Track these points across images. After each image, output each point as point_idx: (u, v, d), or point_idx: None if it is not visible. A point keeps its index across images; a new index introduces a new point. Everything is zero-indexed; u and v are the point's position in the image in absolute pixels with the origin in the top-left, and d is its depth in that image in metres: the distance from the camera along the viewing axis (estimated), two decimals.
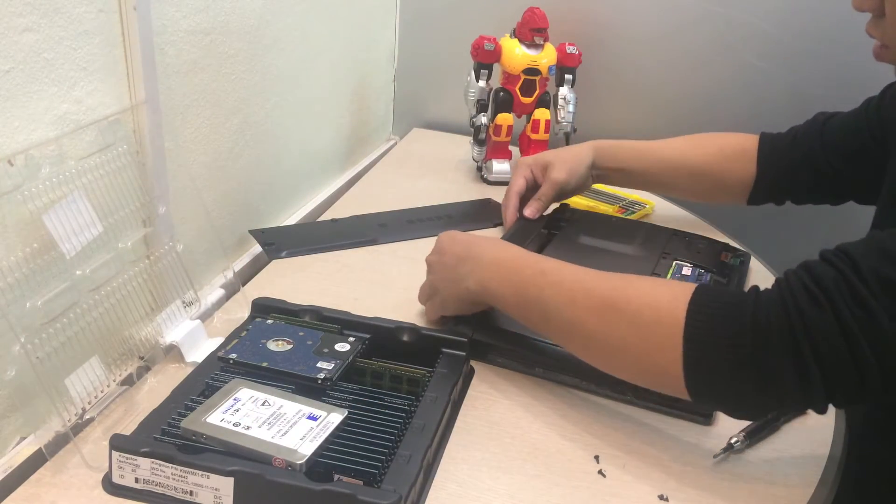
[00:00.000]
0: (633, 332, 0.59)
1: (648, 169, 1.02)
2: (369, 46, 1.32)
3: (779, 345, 0.53)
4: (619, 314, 0.60)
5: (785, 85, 1.25)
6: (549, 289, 0.65)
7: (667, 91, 1.32)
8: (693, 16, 1.26)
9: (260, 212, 1.02)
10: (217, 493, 0.55)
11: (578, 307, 0.63)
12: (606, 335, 0.61)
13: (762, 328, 0.54)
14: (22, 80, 0.59)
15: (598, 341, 0.62)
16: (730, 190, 1.00)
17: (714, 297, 0.57)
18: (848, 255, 0.53)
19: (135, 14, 0.67)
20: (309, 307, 0.75)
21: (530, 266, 0.69)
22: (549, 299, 0.65)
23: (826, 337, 0.52)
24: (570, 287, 0.64)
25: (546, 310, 0.65)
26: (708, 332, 0.56)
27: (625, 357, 0.61)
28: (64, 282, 0.61)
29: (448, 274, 0.75)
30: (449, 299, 0.75)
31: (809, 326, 0.52)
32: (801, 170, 0.94)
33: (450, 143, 1.39)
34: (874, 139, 0.87)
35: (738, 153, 0.98)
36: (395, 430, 0.61)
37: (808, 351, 0.52)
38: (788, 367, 0.53)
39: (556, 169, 0.99)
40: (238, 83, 0.90)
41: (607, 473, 0.63)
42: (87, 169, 0.64)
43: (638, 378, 0.63)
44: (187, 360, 0.73)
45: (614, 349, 0.61)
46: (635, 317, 0.59)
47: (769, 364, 0.54)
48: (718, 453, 0.65)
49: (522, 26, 1.17)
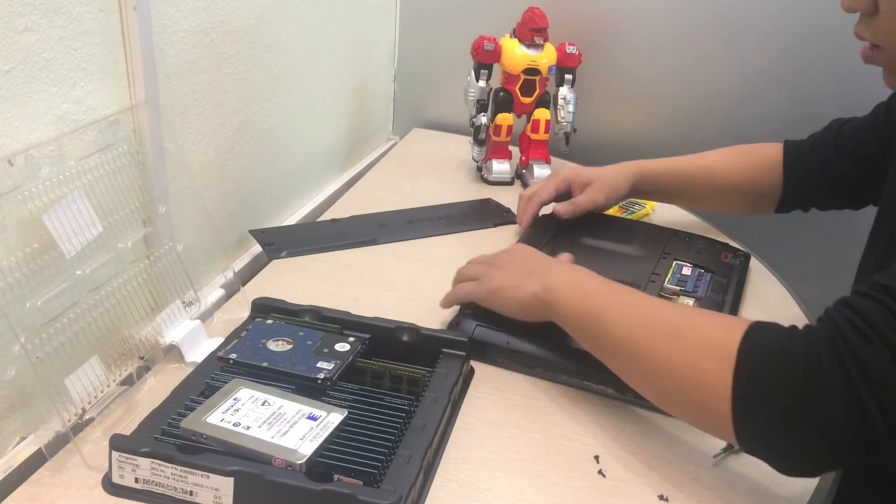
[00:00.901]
0: (685, 363, 0.58)
1: (684, 188, 1.03)
2: (369, 46, 1.32)
3: (832, 383, 0.51)
4: (673, 343, 0.59)
5: (786, 85, 1.25)
6: (613, 307, 0.65)
7: (667, 91, 1.32)
8: (694, 16, 1.26)
9: (260, 212, 1.02)
10: (217, 493, 0.55)
11: (635, 329, 0.62)
12: (658, 362, 0.60)
13: (814, 367, 0.52)
14: (22, 80, 0.59)
15: (649, 368, 0.61)
16: (760, 201, 1.01)
17: (767, 335, 0.56)
18: (887, 289, 0.52)
19: (135, 14, 0.67)
20: (309, 307, 0.75)
21: (599, 282, 0.69)
22: (610, 317, 0.65)
23: (880, 370, 0.50)
24: (633, 309, 0.64)
25: (604, 328, 0.65)
26: (759, 369, 0.54)
27: (672, 387, 0.60)
28: (64, 282, 0.61)
29: (516, 272, 0.75)
30: (503, 295, 0.75)
31: (863, 363, 0.50)
32: (819, 177, 0.95)
33: (450, 143, 1.39)
34: (883, 144, 0.87)
35: (766, 165, 0.99)
36: (395, 430, 0.61)
37: (863, 387, 0.50)
38: (842, 405, 0.51)
39: (596, 190, 0.99)
40: (238, 83, 0.90)
41: (607, 473, 0.63)
42: (87, 169, 0.64)
43: (684, 410, 0.61)
44: (187, 360, 0.73)
45: (664, 378, 0.60)
46: (689, 347, 0.58)
47: (822, 404, 0.51)
48: (718, 454, 0.65)
49: (522, 26, 1.17)
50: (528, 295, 0.72)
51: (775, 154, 0.99)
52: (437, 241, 1.01)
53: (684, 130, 1.24)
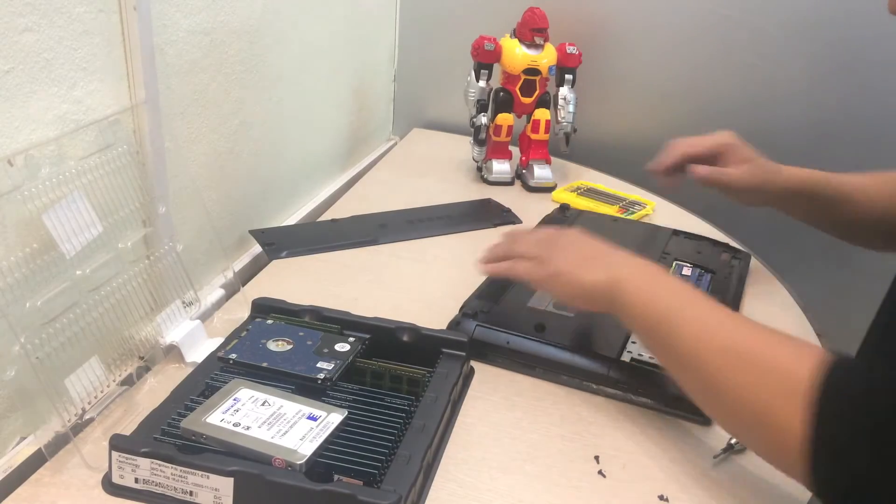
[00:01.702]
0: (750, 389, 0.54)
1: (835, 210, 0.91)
2: (369, 46, 1.32)
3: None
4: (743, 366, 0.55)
5: (786, 85, 1.25)
6: (682, 315, 0.61)
7: (667, 91, 1.32)
8: (694, 16, 1.26)
9: (260, 212, 1.02)
10: (217, 494, 0.55)
11: (703, 340, 0.58)
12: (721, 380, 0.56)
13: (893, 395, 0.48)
14: (22, 80, 0.59)
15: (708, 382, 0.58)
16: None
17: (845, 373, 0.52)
18: None
19: (135, 14, 0.67)
20: (309, 307, 0.75)
21: (670, 283, 0.65)
22: (677, 326, 0.61)
23: None
24: (702, 322, 0.60)
25: (670, 337, 0.61)
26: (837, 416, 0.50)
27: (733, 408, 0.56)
28: (64, 282, 0.61)
29: (578, 256, 0.71)
30: (565, 279, 0.70)
31: None
32: None
33: (450, 143, 1.39)
34: None
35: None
36: (395, 431, 0.61)
37: None
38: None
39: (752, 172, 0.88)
40: (238, 83, 0.90)
41: (607, 473, 0.63)
42: (87, 169, 0.64)
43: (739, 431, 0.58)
44: (187, 360, 0.73)
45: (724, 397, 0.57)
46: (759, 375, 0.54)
47: None
48: (718, 454, 0.65)
49: (522, 26, 1.17)
50: (592, 283, 0.67)
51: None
52: (438, 242, 1.01)
53: (685, 131, 1.22)
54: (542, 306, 0.81)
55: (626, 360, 0.73)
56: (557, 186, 1.21)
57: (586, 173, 1.29)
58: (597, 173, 1.29)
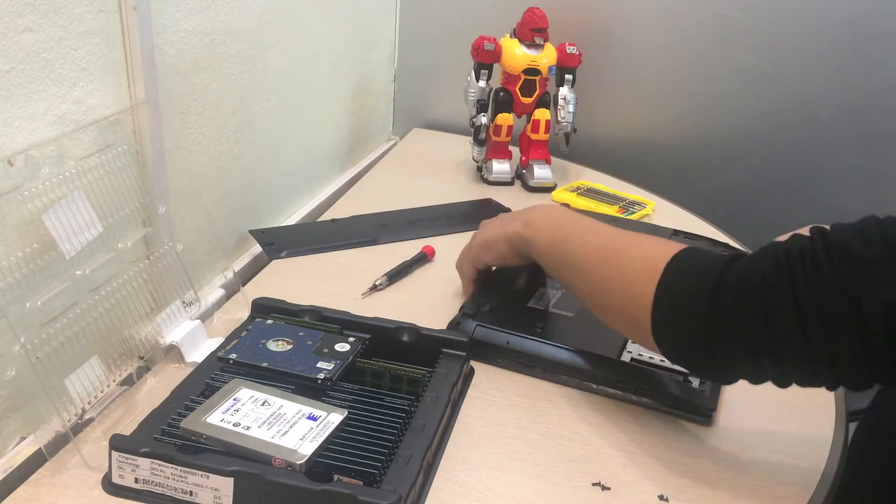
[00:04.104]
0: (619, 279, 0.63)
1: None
2: (369, 46, 1.32)
3: (732, 302, 0.55)
4: (618, 261, 0.64)
5: (786, 85, 1.25)
6: (577, 235, 0.70)
7: (667, 91, 1.32)
8: (694, 16, 1.26)
9: (260, 212, 1.02)
10: (217, 494, 0.55)
11: (589, 253, 0.68)
12: (600, 281, 0.65)
13: (724, 284, 0.56)
14: (22, 80, 0.59)
15: (594, 286, 0.66)
16: None
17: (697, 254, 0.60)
18: (826, 230, 0.55)
19: (135, 14, 0.67)
20: (309, 307, 0.75)
21: (571, 215, 0.75)
22: (573, 243, 0.70)
23: (778, 299, 0.53)
24: (590, 235, 0.69)
25: (567, 254, 0.70)
26: (678, 281, 0.59)
27: (609, 302, 0.65)
28: (64, 282, 0.61)
29: (501, 222, 0.80)
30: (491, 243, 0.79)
31: (766, 287, 0.54)
32: None
33: (450, 143, 1.39)
34: None
35: None
36: (395, 431, 0.61)
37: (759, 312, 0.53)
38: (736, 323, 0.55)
39: None
40: (238, 83, 0.90)
41: (607, 474, 0.63)
42: (87, 169, 0.64)
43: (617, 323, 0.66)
44: (187, 360, 0.73)
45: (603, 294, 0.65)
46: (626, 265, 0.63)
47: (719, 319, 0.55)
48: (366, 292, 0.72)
49: (522, 26, 1.17)
50: (512, 234, 0.76)
51: None
52: (438, 241, 1.01)
53: (685, 130, 1.24)
54: (542, 306, 0.81)
55: (626, 360, 0.73)
56: (557, 186, 1.21)
57: (586, 173, 1.29)
58: (597, 173, 1.29)
